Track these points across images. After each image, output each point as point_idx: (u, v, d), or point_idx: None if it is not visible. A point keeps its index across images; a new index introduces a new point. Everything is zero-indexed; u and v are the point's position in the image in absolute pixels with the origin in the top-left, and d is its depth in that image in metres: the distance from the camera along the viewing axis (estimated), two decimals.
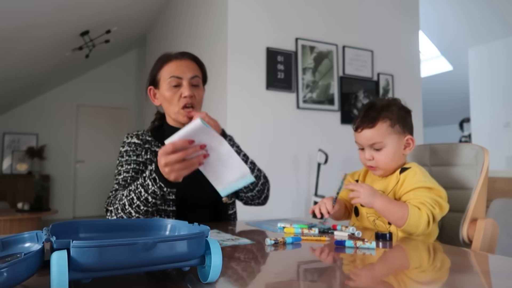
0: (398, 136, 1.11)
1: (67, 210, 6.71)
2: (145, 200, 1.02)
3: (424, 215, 1.00)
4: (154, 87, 1.27)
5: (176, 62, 1.22)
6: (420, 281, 0.65)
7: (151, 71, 1.27)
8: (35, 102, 6.66)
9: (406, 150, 1.13)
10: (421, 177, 1.06)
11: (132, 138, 1.26)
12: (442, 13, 5.71)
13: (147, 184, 1.01)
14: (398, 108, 1.13)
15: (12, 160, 6.48)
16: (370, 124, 1.10)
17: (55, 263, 0.45)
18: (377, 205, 1.02)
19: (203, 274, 0.57)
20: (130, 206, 1.03)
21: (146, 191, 1.01)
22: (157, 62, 1.26)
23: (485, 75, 5.81)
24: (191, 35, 4.12)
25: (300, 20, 3.40)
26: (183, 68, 1.21)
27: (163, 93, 1.22)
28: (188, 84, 1.20)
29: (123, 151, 1.24)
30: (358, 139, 1.15)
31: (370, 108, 1.12)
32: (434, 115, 7.44)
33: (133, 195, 1.03)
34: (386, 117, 1.10)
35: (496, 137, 5.50)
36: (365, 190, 1.03)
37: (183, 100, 1.20)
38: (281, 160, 3.22)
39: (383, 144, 1.10)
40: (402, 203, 1.04)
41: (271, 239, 0.86)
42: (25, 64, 5.04)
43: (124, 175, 1.20)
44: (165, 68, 1.22)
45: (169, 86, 1.20)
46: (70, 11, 4.11)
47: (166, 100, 1.22)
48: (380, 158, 1.11)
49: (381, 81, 3.72)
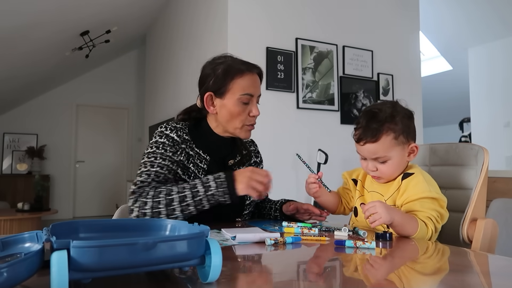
0: (402, 146, 1.07)
1: (67, 210, 6.70)
2: (198, 201, 1.02)
3: (429, 231, 0.99)
4: (216, 95, 1.18)
5: (250, 77, 1.17)
6: (420, 281, 0.65)
7: (214, 77, 1.17)
8: (35, 102, 6.66)
9: (411, 157, 1.10)
10: (425, 186, 1.03)
11: (172, 132, 1.18)
12: (442, 13, 5.70)
13: (209, 185, 1.02)
14: (402, 116, 1.07)
15: (12, 160, 6.48)
16: (373, 138, 1.04)
17: (55, 263, 0.45)
18: (396, 220, 0.95)
19: (203, 274, 0.57)
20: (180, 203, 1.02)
21: (205, 191, 1.02)
22: (225, 70, 1.16)
23: (485, 75, 5.81)
24: (191, 35, 4.12)
25: (300, 20, 3.40)
26: (255, 84, 1.18)
27: (229, 106, 1.16)
28: (256, 102, 1.19)
29: (161, 142, 1.16)
30: (361, 151, 1.10)
31: (372, 118, 1.06)
32: (434, 115, 7.43)
33: (187, 193, 1.02)
34: (390, 130, 1.04)
35: (496, 137, 5.50)
36: (382, 209, 0.93)
37: (250, 119, 1.18)
38: (281, 160, 3.22)
39: (388, 158, 1.06)
40: (412, 216, 1.00)
41: (271, 239, 0.86)
42: (25, 64, 5.04)
43: (158, 169, 1.12)
44: (238, 82, 1.15)
45: (240, 102, 1.15)
46: (70, 11, 4.11)
47: (229, 114, 1.17)
48: (384, 170, 1.07)
49: (381, 81, 3.72)
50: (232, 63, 1.18)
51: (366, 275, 0.67)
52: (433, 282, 0.64)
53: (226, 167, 1.26)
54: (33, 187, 4.71)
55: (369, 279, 0.64)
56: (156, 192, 1.04)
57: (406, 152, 1.08)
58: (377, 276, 0.66)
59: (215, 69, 1.18)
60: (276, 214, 1.32)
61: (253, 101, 1.18)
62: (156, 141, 1.17)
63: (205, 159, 1.21)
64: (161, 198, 1.02)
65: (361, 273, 0.68)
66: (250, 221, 1.26)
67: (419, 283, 0.64)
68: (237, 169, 1.30)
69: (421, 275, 0.69)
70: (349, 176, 1.26)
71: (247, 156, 1.33)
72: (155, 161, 1.13)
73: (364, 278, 0.65)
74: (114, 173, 7.14)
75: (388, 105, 1.10)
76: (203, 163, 1.21)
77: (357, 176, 1.23)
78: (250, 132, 1.23)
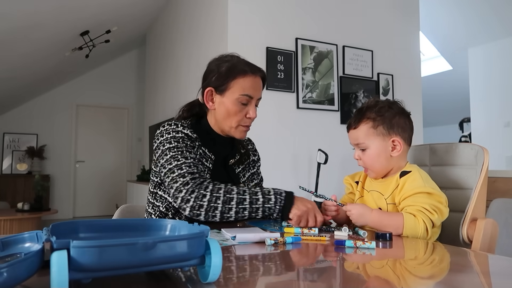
0: (382, 137, 1.10)
1: (67, 210, 6.71)
2: (255, 208, 1.03)
3: (421, 222, 0.99)
4: (215, 91, 1.19)
5: (252, 79, 1.18)
6: (420, 281, 0.65)
7: (217, 73, 1.18)
8: (35, 102, 6.66)
9: (394, 152, 1.11)
10: (420, 182, 1.05)
11: (185, 129, 1.17)
12: (442, 13, 5.70)
13: (269, 198, 1.04)
14: (387, 110, 1.11)
15: (12, 160, 6.48)
16: (354, 125, 1.14)
17: (55, 263, 0.45)
18: (370, 223, 1.04)
19: (203, 274, 0.57)
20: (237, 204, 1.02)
21: (264, 202, 1.03)
22: (229, 69, 1.17)
23: (485, 75, 5.81)
24: (191, 35, 4.12)
25: (300, 20, 3.40)
26: (256, 87, 1.19)
27: (227, 103, 1.17)
28: (255, 105, 1.20)
29: (179, 136, 1.14)
30: (349, 139, 1.18)
31: (359, 109, 1.16)
32: (434, 115, 7.43)
33: (247, 197, 1.03)
34: (369, 118, 1.11)
35: (496, 137, 5.50)
36: (356, 211, 1.04)
37: (246, 120, 1.19)
38: (281, 160, 3.22)
39: (366, 145, 1.12)
40: (395, 213, 1.04)
41: (271, 239, 0.86)
42: (26, 64, 5.04)
43: (192, 161, 1.10)
44: (239, 81, 1.16)
45: (238, 101, 1.16)
46: (70, 11, 4.11)
47: (226, 112, 1.17)
48: (365, 158, 1.13)
49: (381, 81, 3.72)
50: (237, 63, 1.19)
51: (366, 275, 0.67)
52: (433, 282, 0.64)
53: (227, 166, 1.27)
54: (33, 187, 4.71)
55: (369, 279, 0.64)
56: (215, 187, 1.04)
57: (389, 146, 1.11)
58: (377, 276, 0.66)
59: (219, 66, 1.19)
60: None
61: (252, 103, 1.19)
62: (173, 136, 1.15)
63: (210, 158, 1.21)
64: (220, 194, 1.02)
65: (361, 273, 0.69)
66: (250, 221, 1.26)
67: (419, 283, 0.64)
68: (236, 168, 1.30)
69: (421, 275, 0.69)
70: (351, 179, 1.27)
71: (245, 155, 1.34)
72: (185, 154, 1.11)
73: (364, 278, 0.65)
74: (114, 173, 7.14)
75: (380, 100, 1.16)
76: (209, 162, 1.21)
77: (358, 178, 1.25)
78: (245, 133, 1.23)
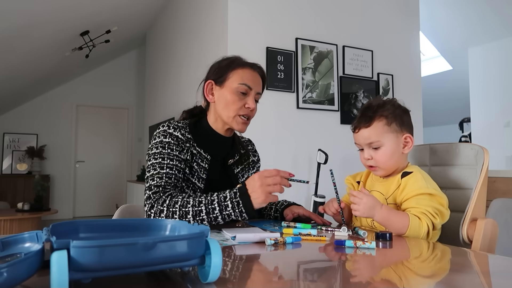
0: (395, 134, 1.11)
1: (67, 210, 6.71)
2: (213, 218, 1.01)
3: (424, 225, 0.99)
4: (215, 83, 1.23)
5: (250, 72, 1.21)
6: (420, 281, 0.65)
7: (217, 67, 1.23)
8: (35, 102, 6.66)
9: (405, 149, 1.12)
10: (423, 183, 1.05)
11: (175, 131, 1.19)
12: (441, 13, 5.70)
13: (225, 205, 1.00)
14: (394, 107, 1.13)
15: (12, 160, 6.48)
16: (366, 123, 1.11)
17: (55, 263, 0.45)
18: (377, 218, 1.01)
19: (203, 274, 0.57)
20: (194, 217, 1.01)
21: (221, 210, 1.00)
22: (229, 62, 1.22)
23: (485, 75, 5.81)
24: (191, 35, 4.12)
25: (300, 20, 3.40)
26: (255, 80, 1.21)
27: (225, 94, 1.20)
28: (253, 97, 1.21)
29: (166, 141, 1.16)
30: (357, 139, 1.15)
31: (367, 108, 1.14)
32: (434, 115, 7.43)
33: (203, 208, 1.01)
34: (382, 116, 1.10)
35: (496, 137, 5.50)
36: (365, 203, 1.00)
37: (245, 109, 1.20)
38: (281, 160, 3.22)
39: (381, 143, 1.10)
40: (402, 213, 1.03)
41: (271, 239, 0.86)
42: (25, 64, 5.04)
43: (168, 171, 1.13)
44: (238, 72, 1.20)
45: (237, 91, 1.18)
46: (70, 11, 4.11)
47: (225, 102, 1.20)
48: (378, 157, 1.11)
49: (381, 81, 3.72)
50: (237, 59, 1.24)
51: (366, 275, 0.67)
52: (433, 282, 0.64)
53: (226, 166, 1.27)
54: (33, 187, 4.71)
55: (369, 279, 0.64)
56: (171, 202, 1.04)
57: (401, 143, 1.11)
58: (377, 276, 0.66)
59: (220, 62, 1.25)
60: (276, 215, 1.33)
61: (251, 94, 1.21)
62: (161, 141, 1.17)
63: (206, 159, 1.22)
64: (176, 209, 1.02)
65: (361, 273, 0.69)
66: (250, 221, 1.26)
67: (419, 283, 0.64)
68: (235, 168, 1.30)
69: (421, 275, 0.69)
70: (353, 179, 1.27)
71: (245, 155, 1.34)
72: (164, 162, 1.13)
73: (364, 278, 0.65)
74: (114, 173, 7.15)
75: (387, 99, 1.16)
76: (204, 162, 1.21)
77: (360, 178, 1.26)
78: (244, 126, 1.23)
